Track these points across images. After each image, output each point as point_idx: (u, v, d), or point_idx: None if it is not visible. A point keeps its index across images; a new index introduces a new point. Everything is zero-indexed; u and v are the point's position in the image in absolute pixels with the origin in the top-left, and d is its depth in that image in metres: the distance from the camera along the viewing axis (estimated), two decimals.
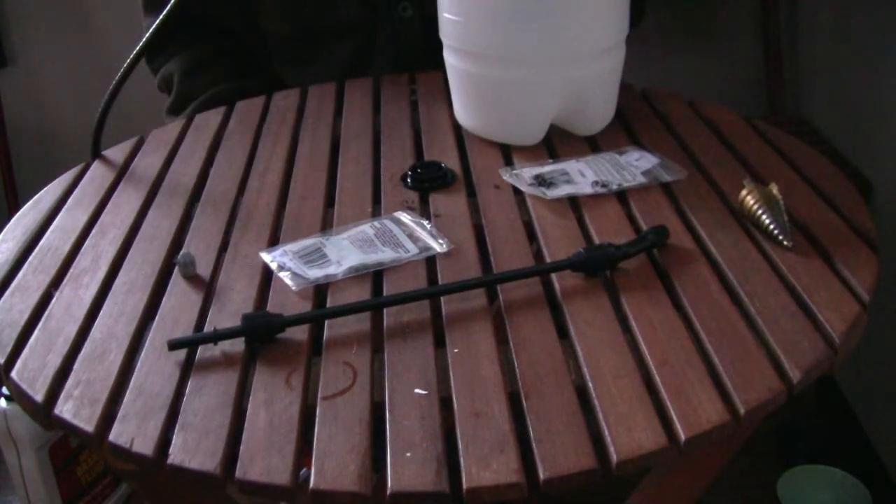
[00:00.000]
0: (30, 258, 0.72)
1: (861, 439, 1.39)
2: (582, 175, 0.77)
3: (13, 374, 0.59)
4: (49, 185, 0.84)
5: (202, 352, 0.59)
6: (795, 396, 0.54)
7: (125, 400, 0.55)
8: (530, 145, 0.84)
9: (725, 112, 0.90)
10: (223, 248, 0.71)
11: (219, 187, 0.81)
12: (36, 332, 0.62)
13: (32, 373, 0.58)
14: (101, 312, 0.64)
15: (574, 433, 0.51)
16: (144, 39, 0.85)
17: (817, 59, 1.53)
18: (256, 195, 0.79)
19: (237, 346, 0.59)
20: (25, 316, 0.64)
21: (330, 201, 0.78)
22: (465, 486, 0.48)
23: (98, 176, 0.85)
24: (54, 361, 0.59)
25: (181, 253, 0.68)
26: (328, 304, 0.63)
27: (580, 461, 0.49)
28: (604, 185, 0.76)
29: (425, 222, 0.72)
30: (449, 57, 0.86)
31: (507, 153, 0.84)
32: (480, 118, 0.86)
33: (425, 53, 1.02)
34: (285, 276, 0.66)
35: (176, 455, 0.51)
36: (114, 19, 1.71)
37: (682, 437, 0.50)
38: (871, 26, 1.33)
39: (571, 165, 0.79)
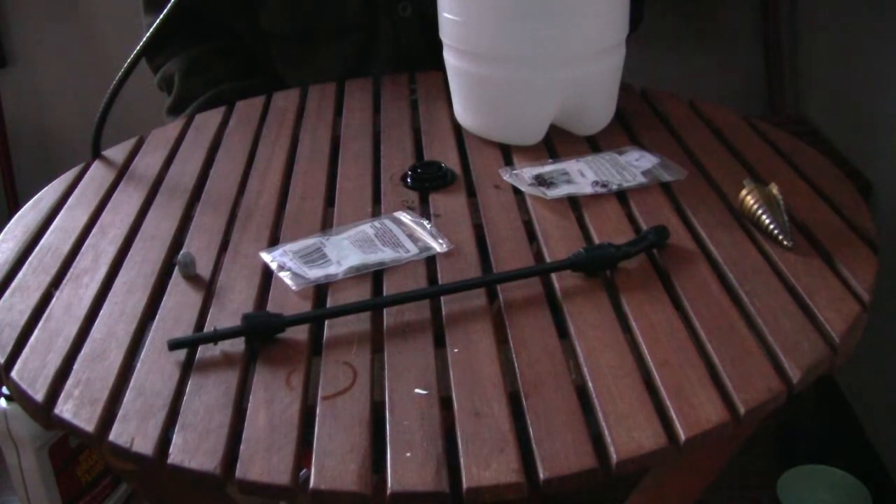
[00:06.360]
0: (30, 258, 0.72)
1: (861, 439, 1.39)
2: (582, 175, 0.77)
3: (13, 374, 0.59)
4: (49, 185, 0.84)
5: (202, 352, 0.59)
6: (795, 396, 0.54)
7: (125, 400, 0.55)
8: (530, 145, 0.84)
9: (725, 112, 0.90)
10: (223, 248, 0.71)
11: (219, 187, 0.81)
12: (36, 332, 0.62)
13: (32, 373, 0.58)
14: (101, 312, 0.64)
15: (574, 433, 0.51)
16: (144, 39, 0.85)
17: (817, 60, 1.53)
18: (256, 195, 0.79)
19: (237, 346, 0.59)
20: (25, 316, 0.64)
21: (330, 201, 0.77)
22: (465, 486, 0.48)
23: (98, 176, 0.85)
24: (54, 361, 0.59)
25: (181, 253, 0.68)
26: (328, 304, 0.63)
27: (580, 461, 0.49)
28: (604, 185, 0.76)
29: (425, 222, 0.72)
30: (449, 57, 0.86)
31: (507, 153, 0.83)
32: (480, 118, 0.86)
33: (425, 53, 1.02)
34: (285, 276, 0.66)
35: (176, 455, 0.51)
36: (114, 19, 1.71)
37: (682, 437, 0.50)
38: (870, 27, 1.33)
39: (571, 165, 0.79)
